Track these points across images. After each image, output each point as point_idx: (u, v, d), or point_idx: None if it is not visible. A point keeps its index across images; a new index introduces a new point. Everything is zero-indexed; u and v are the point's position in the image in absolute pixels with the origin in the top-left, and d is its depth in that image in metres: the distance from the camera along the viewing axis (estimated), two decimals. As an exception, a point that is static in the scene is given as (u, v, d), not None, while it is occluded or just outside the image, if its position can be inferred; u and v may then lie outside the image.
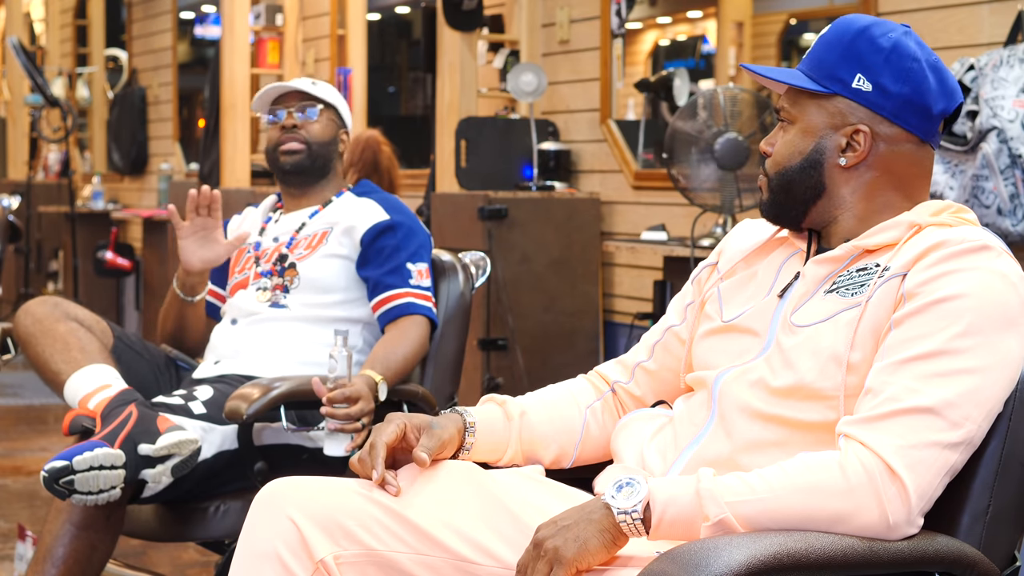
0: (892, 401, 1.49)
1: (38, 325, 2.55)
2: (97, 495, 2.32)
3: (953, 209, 1.66)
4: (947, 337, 1.51)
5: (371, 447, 1.67)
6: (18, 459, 5.13)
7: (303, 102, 2.83)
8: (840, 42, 1.66)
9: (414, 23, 7.47)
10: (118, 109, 8.77)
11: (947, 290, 1.53)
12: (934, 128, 1.66)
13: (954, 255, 1.55)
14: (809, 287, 1.66)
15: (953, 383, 1.50)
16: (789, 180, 1.68)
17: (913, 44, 1.66)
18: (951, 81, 1.66)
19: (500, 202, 4.23)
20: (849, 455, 1.47)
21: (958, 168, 3.13)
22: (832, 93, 1.65)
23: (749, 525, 1.47)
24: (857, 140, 1.64)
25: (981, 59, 3.14)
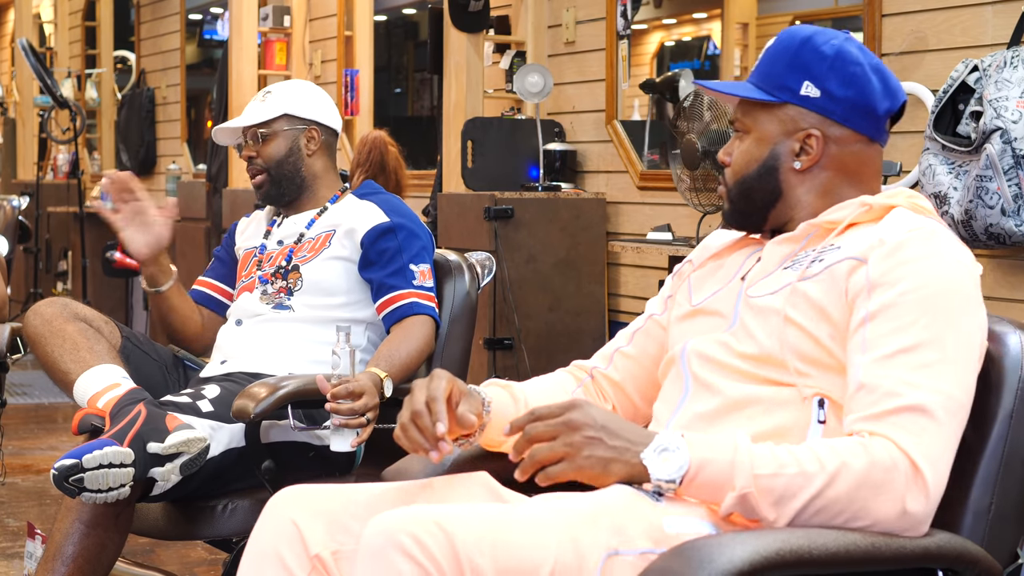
0: (894, 397, 1.53)
1: (47, 325, 2.57)
2: (106, 493, 2.34)
3: (907, 194, 1.72)
4: (925, 327, 1.56)
5: (431, 400, 1.67)
6: (28, 458, 5.15)
7: (252, 128, 2.83)
8: (786, 53, 1.74)
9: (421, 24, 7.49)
10: (127, 110, 8.79)
11: (914, 279, 1.58)
12: (881, 127, 1.74)
13: (911, 243, 1.61)
14: (768, 267, 1.72)
15: (943, 375, 1.54)
16: (748, 187, 1.76)
17: (855, 49, 1.73)
18: (893, 82, 1.74)
19: (506, 202, 4.24)
20: (877, 448, 1.50)
21: (962, 169, 3.14)
22: (783, 102, 1.72)
23: (772, 502, 1.49)
24: (810, 144, 1.72)
25: (985, 60, 3.14)
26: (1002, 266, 3.32)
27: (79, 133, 8.13)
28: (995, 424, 1.64)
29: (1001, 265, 3.32)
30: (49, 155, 9.80)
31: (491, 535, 1.45)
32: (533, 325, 4.23)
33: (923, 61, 3.52)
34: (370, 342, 2.78)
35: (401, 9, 7.91)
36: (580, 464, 1.51)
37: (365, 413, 2.44)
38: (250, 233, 2.94)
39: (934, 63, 3.48)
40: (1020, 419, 1.64)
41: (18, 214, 4.55)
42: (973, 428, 1.65)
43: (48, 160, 9.81)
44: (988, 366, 1.66)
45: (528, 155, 4.60)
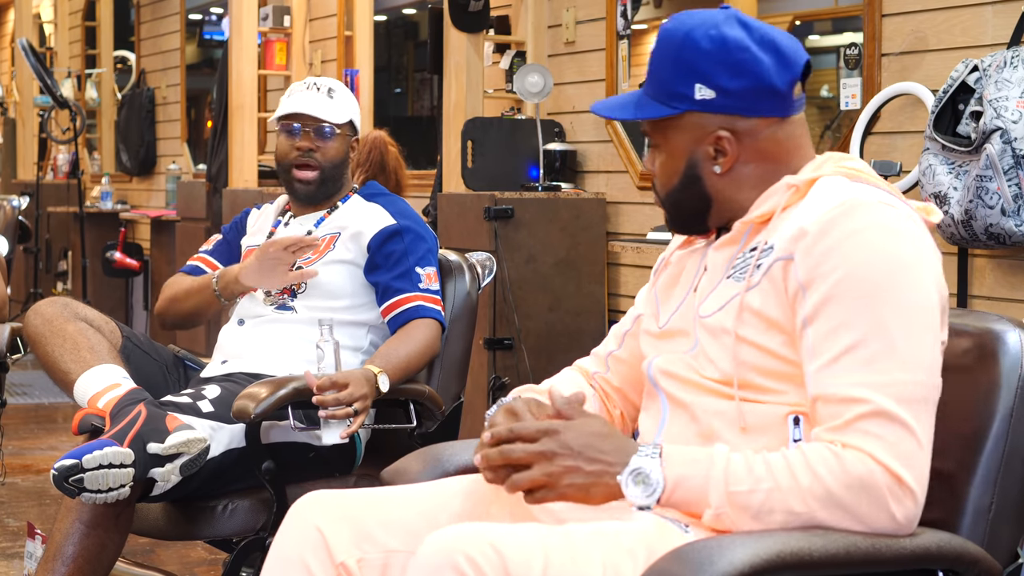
0: (852, 404, 1.49)
1: (48, 325, 2.57)
2: (106, 493, 2.34)
3: (836, 159, 1.65)
4: (864, 317, 1.50)
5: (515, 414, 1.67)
6: (28, 458, 5.15)
7: (320, 123, 2.82)
8: (668, 57, 1.65)
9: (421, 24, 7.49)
10: (127, 110, 8.80)
11: (841, 267, 1.52)
12: (788, 101, 1.64)
13: (831, 226, 1.54)
14: (714, 277, 1.67)
15: (895, 364, 1.49)
16: (676, 199, 1.70)
17: (737, 30, 1.62)
18: (787, 49, 1.63)
19: (506, 202, 4.24)
20: (852, 461, 1.46)
21: (962, 169, 3.14)
22: (682, 111, 1.64)
23: (749, 518, 1.48)
24: (723, 146, 1.64)
25: (985, 60, 3.14)
26: (1002, 266, 3.32)
27: (79, 133, 8.13)
28: (995, 423, 1.63)
29: (1001, 265, 3.32)
30: (49, 155, 9.80)
31: (541, 558, 1.45)
32: (533, 325, 4.23)
33: (923, 61, 3.52)
34: (372, 344, 2.78)
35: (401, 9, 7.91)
36: (562, 491, 1.51)
37: (352, 404, 2.45)
38: (257, 229, 2.93)
39: (934, 63, 3.48)
40: (1020, 418, 1.64)
41: (18, 214, 4.55)
42: (973, 427, 1.65)
43: (48, 160, 9.81)
44: (988, 365, 1.66)
45: (528, 155, 4.60)
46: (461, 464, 1.88)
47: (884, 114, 3.61)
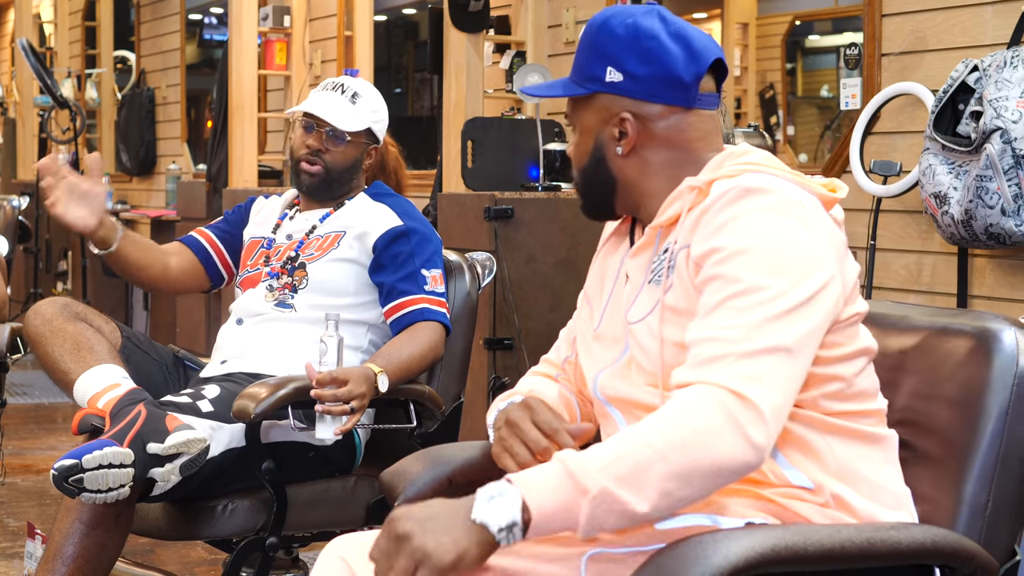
0: (709, 343, 1.50)
1: (48, 325, 2.57)
2: (106, 493, 2.34)
3: (736, 153, 1.68)
4: (742, 281, 1.53)
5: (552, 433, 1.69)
6: (27, 458, 5.16)
7: (333, 127, 2.81)
8: (586, 41, 1.73)
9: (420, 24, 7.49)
10: (126, 110, 8.80)
11: (726, 243, 1.55)
12: (693, 94, 1.70)
13: (723, 207, 1.58)
14: (636, 283, 1.71)
15: (760, 315, 1.50)
16: (587, 180, 1.76)
17: (653, 21, 1.70)
18: (698, 44, 1.70)
19: (506, 202, 4.24)
20: (693, 395, 1.47)
21: (962, 168, 3.14)
22: (593, 92, 1.72)
23: (630, 486, 1.43)
24: (625, 128, 1.70)
25: (985, 60, 3.15)
26: (1002, 266, 3.33)
27: (79, 133, 8.13)
28: (991, 421, 1.64)
29: (1001, 265, 3.33)
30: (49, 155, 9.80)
31: None
32: (533, 325, 4.23)
33: (923, 61, 3.52)
34: (372, 344, 2.78)
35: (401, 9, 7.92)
36: (438, 561, 1.39)
37: (350, 402, 2.46)
38: (262, 220, 2.93)
39: (934, 63, 3.49)
40: (1016, 416, 1.64)
41: (18, 214, 4.56)
42: (969, 425, 1.65)
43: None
44: (984, 363, 1.66)
45: (528, 155, 4.60)
46: (461, 465, 1.88)
47: (884, 114, 3.62)
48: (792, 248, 1.55)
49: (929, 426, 1.72)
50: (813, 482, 1.59)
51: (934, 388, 1.73)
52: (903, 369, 1.78)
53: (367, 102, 2.86)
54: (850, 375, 1.62)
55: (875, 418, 1.66)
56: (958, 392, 1.69)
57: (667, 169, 1.71)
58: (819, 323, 1.54)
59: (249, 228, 2.94)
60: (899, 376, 1.78)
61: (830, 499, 1.58)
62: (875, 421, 1.65)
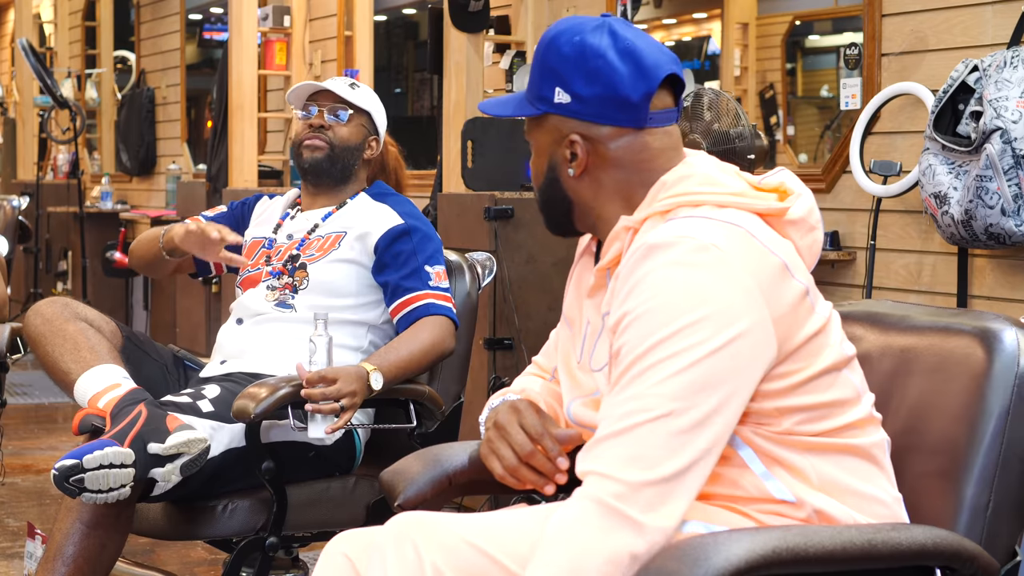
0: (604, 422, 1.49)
1: (48, 325, 2.57)
2: (107, 493, 2.34)
3: (670, 183, 1.62)
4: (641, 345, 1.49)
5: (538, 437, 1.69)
6: (27, 458, 5.16)
7: (336, 103, 2.85)
8: (537, 60, 1.69)
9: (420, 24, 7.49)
10: (126, 110, 8.80)
11: (631, 308, 1.51)
12: (643, 113, 1.64)
13: (630, 271, 1.55)
14: (595, 326, 1.69)
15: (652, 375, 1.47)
16: (543, 199, 1.74)
17: (600, 38, 1.63)
18: (648, 60, 1.63)
19: (506, 202, 4.24)
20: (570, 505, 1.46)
21: (962, 169, 3.14)
22: (543, 113, 1.68)
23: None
24: (575, 150, 1.66)
25: (985, 60, 3.15)
26: (1002, 266, 3.33)
27: (79, 133, 8.13)
28: (991, 421, 1.64)
29: (1001, 265, 3.33)
30: (49, 155, 9.80)
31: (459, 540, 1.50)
32: (533, 325, 4.23)
33: (923, 61, 3.52)
34: (372, 345, 2.77)
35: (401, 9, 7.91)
36: None
37: (340, 400, 2.45)
38: (264, 220, 2.94)
39: (934, 63, 3.49)
40: (1016, 416, 1.64)
41: (18, 214, 4.56)
42: (969, 425, 1.65)
43: (48, 160, 9.81)
44: (984, 363, 1.66)
45: (528, 155, 4.58)
46: (461, 465, 1.88)
47: (884, 114, 3.62)
48: (695, 303, 1.49)
49: (929, 427, 1.72)
50: (795, 497, 1.57)
51: (935, 388, 1.73)
52: (903, 369, 1.78)
53: (365, 91, 2.91)
54: (820, 397, 1.58)
55: (858, 428, 1.62)
56: (959, 392, 1.69)
57: (622, 190, 1.66)
58: (732, 371, 1.48)
59: (251, 228, 2.94)
60: (899, 376, 1.78)
61: (812, 514, 1.57)
62: (859, 431, 1.62)
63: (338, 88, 2.86)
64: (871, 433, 1.64)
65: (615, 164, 1.66)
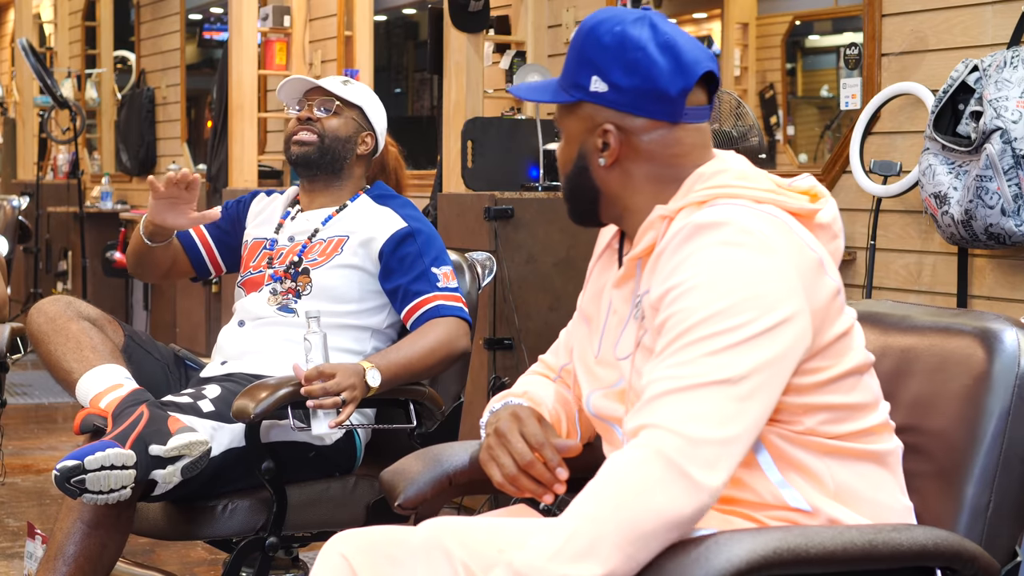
0: (649, 386, 1.49)
1: (51, 324, 2.57)
2: (108, 494, 2.34)
3: (707, 175, 1.64)
4: (695, 315, 1.50)
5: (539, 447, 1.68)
6: (28, 458, 5.16)
7: (325, 97, 2.85)
8: (575, 47, 1.69)
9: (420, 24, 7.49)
10: (126, 110, 8.80)
11: (679, 282, 1.53)
12: (679, 108, 1.64)
13: (676, 248, 1.56)
14: (622, 315, 1.69)
15: (702, 354, 1.48)
16: (571, 187, 1.73)
17: (641, 30, 1.64)
18: (688, 56, 1.64)
19: (506, 202, 4.24)
20: (631, 450, 1.45)
21: (962, 169, 3.14)
22: (577, 101, 1.68)
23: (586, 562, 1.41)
24: (608, 140, 1.66)
25: (985, 60, 3.15)
26: (1002, 266, 3.33)
27: (79, 133, 8.13)
28: (992, 421, 1.64)
29: (1001, 265, 3.33)
30: (49, 155, 9.80)
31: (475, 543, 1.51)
32: (533, 325, 4.23)
33: (923, 61, 3.52)
34: (375, 350, 2.77)
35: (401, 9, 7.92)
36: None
37: (340, 394, 2.45)
38: (263, 220, 2.92)
39: (934, 63, 3.49)
40: (1017, 416, 1.64)
41: (18, 214, 4.55)
42: (970, 425, 1.65)
43: (48, 160, 9.81)
44: (985, 363, 1.66)
45: (528, 155, 4.60)
46: (461, 465, 1.89)
47: (884, 114, 3.62)
48: (745, 282, 1.50)
49: (930, 427, 1.72)
50: (811, 505, 1.57)
51: (935, 388, 1.73)
52: (904, 369, 1.78)
53: (358, 87, 2.90)
54: (843, 398, 1.59)
55: (876, 434, 1.63)
56: (959, 393, 1.69)
57: (650, 184, 1.67)
58: (777, 356, 1.49)
59: (250, 229, 2.94)
60: (900, 376, 1.78)
61: (826, 523, 1.57)
62: (876, 437, 1.63)
63: (328, 84, 2.86)
64: (886, 440, 1.65)
65: (646, 156, 1.66)
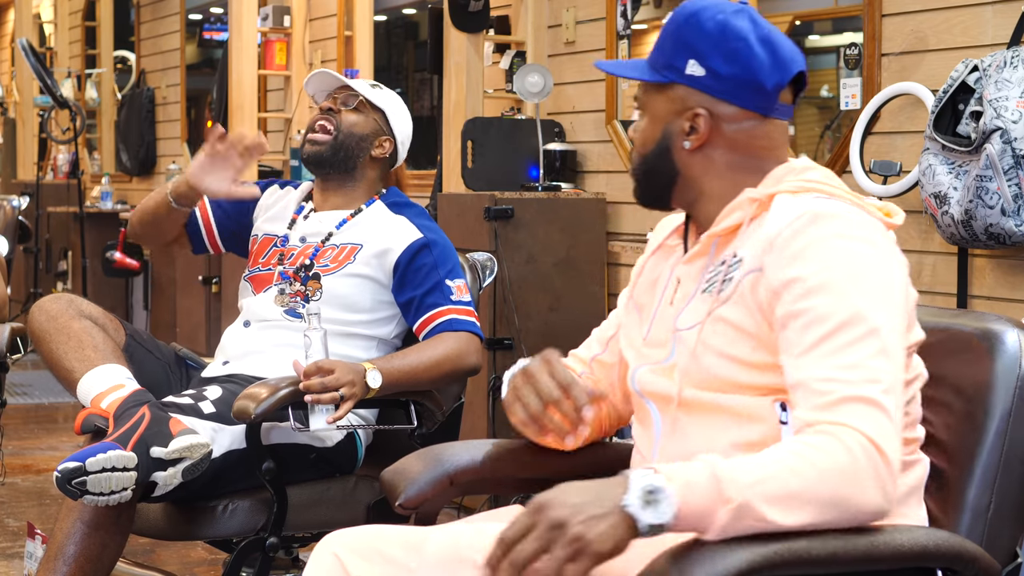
0: (835, 384, 1.49)
1: (52, 323, 2.57)
2: (108, 496, 2.34)
3: (798, 169, 1.68)
4: (836, 309, 1.52)
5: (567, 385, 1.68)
6: (28, 458, 5.16)
7: (349, 93, 2.84)
8: (672, 30, 1.71)
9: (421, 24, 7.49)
10: (126, 110, 8.80)
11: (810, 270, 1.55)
12: (772, 102, 1.69)
13: (795, 233, 1.57)
14: (688, 290, 1.70)
15: (870, 353, 1.50)
16: (648, 167, 1.74)
17: (743, 22, 1.68)
18: (785, 53, 1.68)
19: (506, 202, 4.24)
20: (848, 438, 1.46)
21: (962, 168, 3.14)
22: (670, 82, 1.70)
23: (776, 507, 1.44)
24: (697, 123, 1.69)
25: (985, 60, 3.15)
26: (1002, 266, 3.33)
27: (79, 133, 8.13)
28: (993, 422, 1.64)
29: (1001, 265, 3.33)
30: (49, 155, 9.80)
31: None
32: (533, 325, 4.23)
33: (923, 61, 3.52)
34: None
35: (401, 9, 7.91)
36: (594, 549, 1.39)
37: (339, 389, 2.45)
38: (275, 214, 2.90)
39: (934, 63, 3.49)
40: (1018, 417, 1.64)
41: (18, 214, 4.55)
42: (971, 427, 1.65)
43: (48, 160, 9.81)
44: (986, 364, 1.66)
45: (528, 155, 4.60)
46: (462, 465, 1.89)
47: (884, 114, 3.62)
48: (871, 276, 1.55)
49: (931, 428, 1.72)
50: None
51: (936, 389, 1.73)
52: (905, 370, 1.78)
53: (387, 94, 2.90)
54: (907, 406, 1.61)
55: (913, 445, 1.67)
56: (960, 394, 1.70)
57: (730, 172, 1.69)
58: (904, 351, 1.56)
59: (260, 222, 2.91)
60: (901, 377, 1.78)
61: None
62: (912, 449, 1.66)
63: (357, 84, 2.86)
64: (920, 454, 1.68)
65: (731, 145, 1.69)
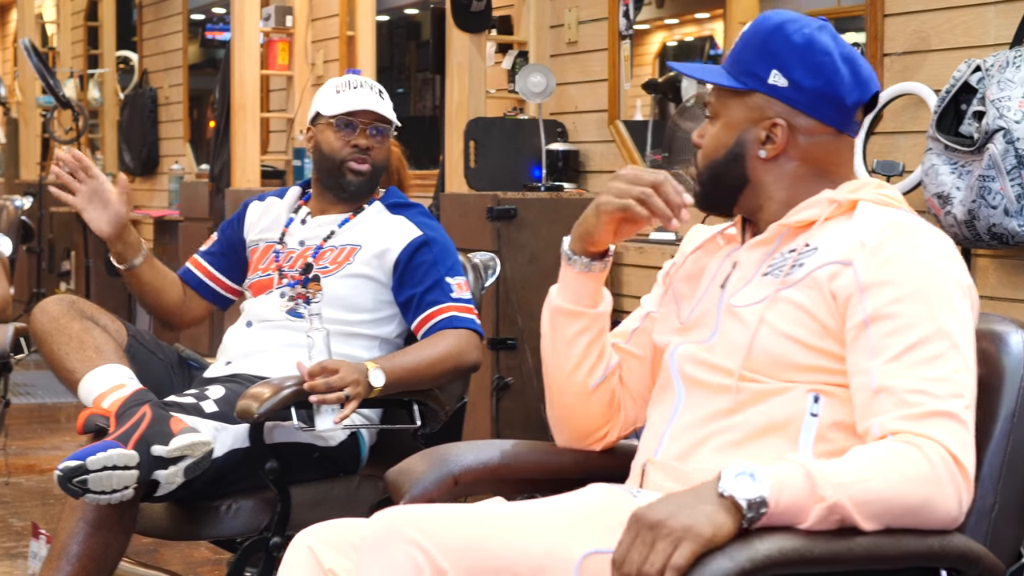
0: (921, 397, 1.54)
1: (54, 323, 2.57)
2: (110, 495, 2.34)
3: (873, 185, 1.72)
4: (926, 321, 1.57)
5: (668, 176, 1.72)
6: (31, 458, 5.16)
7: (377, 122, 2.82)
8: (757, 39, 1.73)
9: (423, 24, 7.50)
10: (129, 110, 8.80)
11: (903, 276, 1.59)
12: (849, 118, 1.73)
13: (888, 238, 1.61)
14: (747, 273, 1.73)
15: (955, 367, 1.56)
16: (716, 172, 1.77)
17: (827, 38, 1.72)
18: (865, 72, 1.72)
19: (509, 202, 4.24)
20: (931, 450, 1.50)
21: (964, 169, 3.14)
22: (750, 89, 1.72)
23: (863, 510, 1.47)
24: (775, 133, 1.71)
25: (987, 60, 3.15)
26: (1005, 266, 3.32)
27: (82, 133, 8.14)
28: (998, 423, 1.64)
29: (1004, 265, 3.33)
30: (52, 155, 9.81)
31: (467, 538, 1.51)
32: (536, 325, 4.19)
33: (925, 61, 3.52)
34: None
35: (403, 9, 7.92)
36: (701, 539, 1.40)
37: (344, 389, 2.45)
38: (267, 225, 2.90)
39: (936, 63, 3.49)
40: (1022, 418, 1.64)
41: (21, 214, 4.56)
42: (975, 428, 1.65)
43: (51, 160, 9.82)
44: (990, 365, 1.66)
45: (530, 155, 4.60)
46: (466, 464, 1.89)
47: (887, 114, 3.62)
48: (955, 292, 1.60)
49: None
50: None
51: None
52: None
53: (387, 98, 2.88)
54: None
55: None
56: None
57: (799, 183, 1.73)
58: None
59: (254, 235, 2.91)
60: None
61: None
62: None
63: (380, 106, 2.82)
64: None
65: (804, 157, 1.73)
